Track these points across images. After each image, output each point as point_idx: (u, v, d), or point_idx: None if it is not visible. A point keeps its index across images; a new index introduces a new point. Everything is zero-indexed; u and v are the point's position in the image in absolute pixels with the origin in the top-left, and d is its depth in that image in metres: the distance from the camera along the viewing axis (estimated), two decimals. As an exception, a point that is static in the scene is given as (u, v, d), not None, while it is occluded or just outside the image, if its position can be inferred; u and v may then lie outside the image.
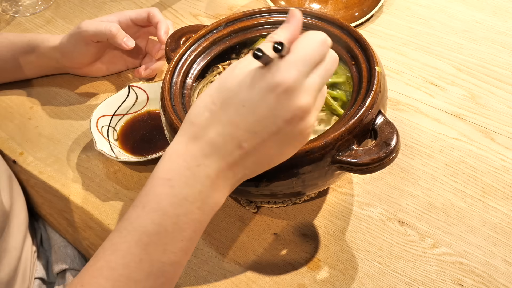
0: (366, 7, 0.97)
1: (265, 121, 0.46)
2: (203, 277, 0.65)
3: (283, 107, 0.45)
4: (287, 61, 0.45)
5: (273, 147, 0.48)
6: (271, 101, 0.45)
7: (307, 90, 0.46)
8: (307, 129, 0.48)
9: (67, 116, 0.87)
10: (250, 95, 0.46)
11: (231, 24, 0.72)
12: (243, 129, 0.46)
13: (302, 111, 0.46)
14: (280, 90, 0.45)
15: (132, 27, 0.87)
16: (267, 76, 0.45)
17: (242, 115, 0.46)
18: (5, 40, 0.88)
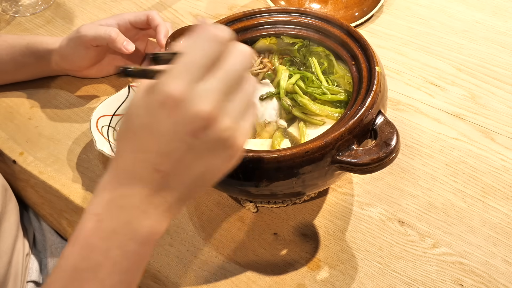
0: (366, 7, 0.97)
1: (170, 140, 0.43)
2: (203, 277, 0.65)
3: (180, 120, 0.42)
4: (171, 71, 0.42)
5: (193, 163, 0.45)
6: (166, 118, 0.42)
7: (200, 96, 0.42)
8: (221, 136, 0.43)
9: (67, 116, 0.87)
10: (147, 118, 0.44)
11: (231, 24, 0.72)
12: (153, 152, 0.44)
13: (201, 119, 0.42)
14: (170, 105, 0.42)
15: (131, 30, 0.87)
16: (155, 93, 0.43)
17: (147, 139, 0.44)
18: (4, 42, 0.88)
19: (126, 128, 0.46)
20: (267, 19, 0.72)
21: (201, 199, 0.73)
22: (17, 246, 0.79)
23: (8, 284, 0.76)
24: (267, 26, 0.72)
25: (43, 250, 0.87)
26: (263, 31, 0.72)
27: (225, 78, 0.43)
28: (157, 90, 0.42)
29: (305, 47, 0.72)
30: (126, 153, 0.46)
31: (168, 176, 0.45)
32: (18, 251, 0.80)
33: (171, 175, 0.45)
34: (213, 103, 0.42)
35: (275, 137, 0.64)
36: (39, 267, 0.85)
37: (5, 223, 0.77)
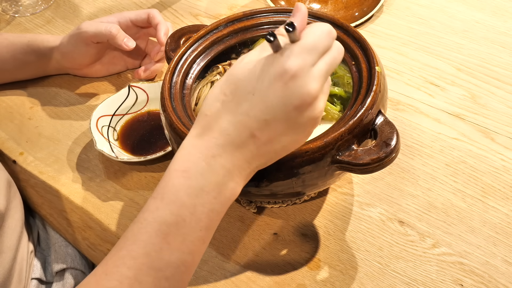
0: (366, 7, 0.97)
1: (275, 109, 0.47)
2: (203, 277, 0.65)
3: (292, 94, 0.46)
4: (294, 49, 0.46)
5: (285, 134, 0.48)
6: (279, 88, 0.46)
7: (314, 77, 0.46)
8: (316, 115, 0.48)
9: (67, 116, 0.87)
10: (259, 83, 0.47)
11: (231, 24, 0.72)
12: (254, 117, 0.47)
13: (310, 97, 0.46)
14: (287, 77, 0.46)
15: (131, 28, 0.87)
16: (275, 64, 0.46)
17: (252, 103, 0.47)
18: (5, 40, 0.88)
19: (231, 88, 0.48)
20: (267, 19, 0.72)
21: (201, 199, 0.73)
22: (22, 242, 0.79)
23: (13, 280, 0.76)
24: (267, 26, 0.72)
25: (47, 248, 0.87)
26: (263, 31, 0.72)
27: (331, 65, 0.48)
28: (278, 63, 0.46)
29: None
30: (226, 114, 0.48)
31: (260, 143, 0.48)
32: (23, 248, 0.80)
33: (263, 142, 0.48)
34: (320, 85, 0.47)
35: (275, 137, 0.64)
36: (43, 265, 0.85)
37: (10, 219, 0.77)
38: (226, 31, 0.71)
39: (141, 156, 0.76)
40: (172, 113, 0.62)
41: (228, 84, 0.48)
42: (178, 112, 0.63)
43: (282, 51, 0.47)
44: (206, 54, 0.71)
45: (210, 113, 0.49)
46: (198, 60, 0.70)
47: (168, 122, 0.62)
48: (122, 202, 0.74)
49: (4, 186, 0.77)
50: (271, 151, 0.50)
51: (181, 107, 0.64)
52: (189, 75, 0.68)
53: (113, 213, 0.73)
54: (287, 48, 0.47)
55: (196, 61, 0.70)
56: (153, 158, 0.75)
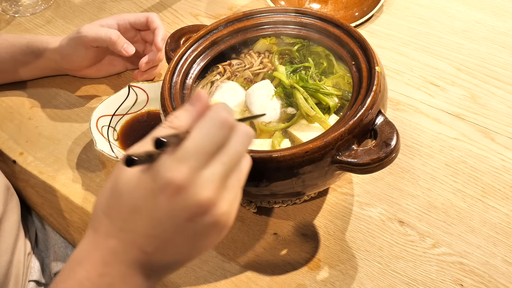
0: (366, 7, 0.97)
1: (164, 224, 0.42)
2: (203, 277, 0.65)
3: (178, 207, 0.41)
4: (176, 156, 0.41)
5: (183, 245, 0.44)
6: (164, 203, 0.41)
7: (204, 184, 0.41)
8: (220, 219, 0.43)
9: (67, 116, 0.87)
10: (142, 200, 0.42)
11: (231, 24, 0.72)
12: (142, 234, 0.43)
13: (201, 207, 0.41)
14: (171, 191, 0.41)
15: (130, 30, 0.87)
16: (156, 176, 0.41)
17: (138, 220, 0.43)
18: (4, 41, 0.88)
19: (116, 205, 0.44)
20: (267, 19, 0.72)
21: (201, 199, 0.73)
22: (18, 245, 0.79)
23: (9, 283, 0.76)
24: (267, 26, 0.72)
25: (45, 249, 0.87)
26: (263, 31, 0.72)
27: (229, 162, 0.43)
28: (159, 175, 0.41)
29: (304, 47, 0.72)
30: (111, 231, 0.44)
31: (154, 258, 0.44)
32: (20, 250, 0.80)
33: (157, 257, 0.44)
34: (214, 190, 0.42)
35: (275, 137, 0.64)
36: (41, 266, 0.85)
37: (6, 222, 0.77)
38: (226, 31, 0.71)
39: (141, 156, 0.75)
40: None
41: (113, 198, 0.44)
42: (178, 112, 0.63)
43: (163, 159, 0.41)
44: (206, 54, 0.71)
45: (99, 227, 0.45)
46: (198, 60, 0.70)
47: (168, 122, 0.62)
48: (122, 202, 0.74)
49: (2, 190, 0.77)
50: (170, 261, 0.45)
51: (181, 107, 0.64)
52: (189, 75, 0.68)
53: (113, 213, 0.73)
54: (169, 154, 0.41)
55: (196, 61, 0.70)
56: (153, 158, 0.74)
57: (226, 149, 0.43)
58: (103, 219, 0.45)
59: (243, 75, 0.72)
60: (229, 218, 0.44)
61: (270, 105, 0.66)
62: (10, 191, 0.80)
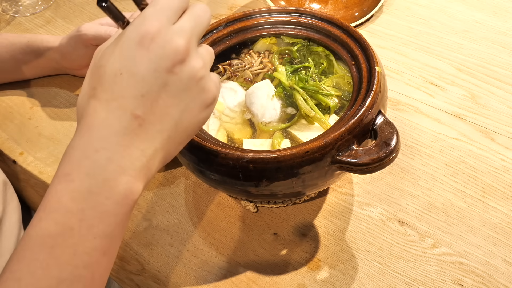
0: (366, 7, 0.97)
1: (147, 79, 0.43)
2: (203, 277, 0.65)
3: (158, 57, 0.42)
4: (144, 14, 0.44)
5: (171, 106, 0.44)
6: (144, 56, 0.42)
7: (176, 32, 0.43)
8: (197, 74, 0.44)
9: (67, 116, 0.87)
10: (122, 59, 0.43)
11: (231, 24, 0.72)
12: (130, 96, 0.43)
13: (179, 54, 0.43)
14: (147, 41, 0.42)
15: None
16: (130, 33, 0.43)
17: (122, 83, 0.43)
18: (5, 40, 0.88)
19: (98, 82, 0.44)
20: (267, 19, 0.72)
21: (201, 199, 0.73)
22: None
23: None
24: (267, 26, 0.72)
25: None
26: (263, 31, 0.72)
27: (194, 20, 0.45)
28: (133, 31, 0.43)
29: (304, 47, 0.72)
30: (98, 107, 0.43)
31: (146, 122, 0.43)
32: None
33: (149, 121, 0.43)
34: (186, 39, 0.44)
35: (275, 137, 0.64)
36: None
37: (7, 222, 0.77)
38: (226, 31, 0.71)
39: (141, 156, 0.75)
40: (172, 113, 0.62)
41: (93, 76, 0.44)
42: (178, 112, 0.63)
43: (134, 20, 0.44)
44: (206, 54, 0.71)
45: (84, 114, 0.44)
46: (198, 60, 0.70)
47: (168, 122, 0.62)
48: (122, 202, 0.74)
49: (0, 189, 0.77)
50: (164, 129, 0.44)
51: (181, 107, 0.64)
52: (189, 75, 0.68)
53: (113, 213, 0.73)
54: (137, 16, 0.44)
55: (196, 61, 0.70)
56: (153, 158, 0.74)
57: (189, 11, 0.45)
58: (87, 104, 0.44)
59: (243, 75, 0.72)
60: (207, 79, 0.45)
61: (270, 105, 0.66)
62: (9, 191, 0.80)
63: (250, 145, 0.64)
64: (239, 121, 0.67)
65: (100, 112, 0.43)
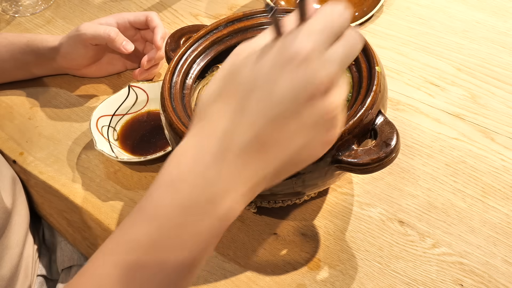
0: (366, 7, 0.97)
1: (283, 103, 0.39)
2: (203, 277, 0.65)
3: (302, 83, 0.39)
4: (302, 29, 0.40)
5: (295, 137, 0.41)
6: (288, 76, 0.39)
7: (329, 60, 0.40)
8: (332, 112, 0.41)
9: (67, 116, 0.87)
10: (262, 75, 0.40)
11: (231, 24, 0.72)
12: (260, 116, 0.40)
13: (324, 85, 0.39)
14: (297, 62, 0.39)
15: (130, 29, 0.87)
16: (281, 48, 0.40)
17: (255, 99, 0.40)
18: (4, 40, 0.88)
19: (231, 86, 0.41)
20: (267, 19, 0.72)
21: (201, 199, 0.73)
22: (28, 239, 0.80)
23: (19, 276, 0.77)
24: (267, 26, 0.72)
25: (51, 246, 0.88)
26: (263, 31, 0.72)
27: (348, 49, 0.41)
28: (284, 46, 0.39)
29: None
30: (224, 114, 0.41)
31: (267, 146, 0.40)
32: (29, 245, 0.80)
33: (270, 145, 0.40)
34: (337, 70, 0.40)
35: (275, 137, 0.64)
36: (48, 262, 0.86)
37: (17, 216, 0.77)
38: (226, 31, 0.71)
39: (141, 156, 0.76)
40: (172, 113, 0.62)
41: (227, 82, 0.42)
42: (178, 112, 0.63)
43: (288, 33, 0.40)
44: (206, 54, 0.71)
45: (206, 114, 0.42)
46: (198, 60, 0.70)
47: (168, 122, 0.62)
48: (122, 202, 0.74)
49: (9, 183, 0.77)
50: (282, 157, 0.41)
51: (181, 107, 0.64)
52: (189, 75, 0.68)
53: (113, 213, 0.73)
54: (294, 29, 0.40)
55: (196, 61, 0.70)
56: (153, 158, 0.75)
57: (346, 37, 0.41)
58: (211, 106, 0.41)
59: (243, 75, 0.72)
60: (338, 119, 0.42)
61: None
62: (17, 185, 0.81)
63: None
64: (239, 121, 0.67)
65: (224, 122, 0.41)
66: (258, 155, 0.41)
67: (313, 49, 0.39)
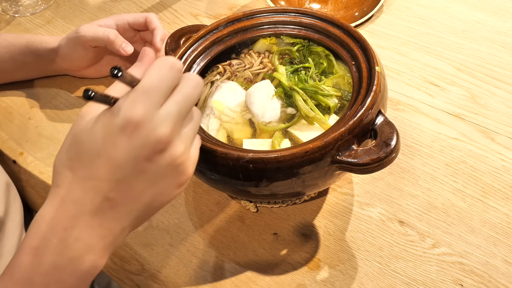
0: (366, 7, 0.97)
1: (125, 166, 0.43)
2: (203, 277, 0.65)
3: (139, 145, 0.43)
4: (131, 96, 0.43)
5: (145, 191, 0.45)
6: (124, 143, 0.43)
7: (162, 120, 0.43)
8: (177, 160, 0.45)
9: (67, 116, 0.87)
10: (102, 143, 0.43)
11: (231, 24, 0.72)
12: (105, 179, 0.43)
13: (161, 144, 0.43)
14: (130, 129, 0.42)
15: (129, 31, 0.87)
16: (114, 117, 0.43)
17: (100, 165, 0.43)
18: (4, 41, 0.88)
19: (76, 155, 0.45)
20: (267, 19, 0.72)
21: (201, 199, 0.73)
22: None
23: None
24: (267, 26, 0.72)
25: None
26: (263, 31, 0.72)
27: (182, 102, 0.44)
28: (118, 115, 0.43)
29: (304, 47, 0.72)
30: (74, 182, 0.45)
31: (117, 204, 0.44)
32: None
33: (121, 203, 0.45)
34: (171, 128, 0.43)
35: (275, 137, 0.64)
36: None
37: (10, 222, 0.77)
38: (226, 31, 0.71)
39: (141, 156, 0.75)
40: (172, 113, 0.62)
41: (73, 149, 0.45)
42: (178, 112, 0.63)
43: (120, 101, 0.43)
44: (206, 54, 0.71)
45: (61, 182, 0.45)
46: (198, 60, 0.70)
47: (168, 122, 0.62)
48: (122, 202, 0.74)
49: (3, 190, 0.77)
50: (134, 212, 0.46)
51: (181, 107, 0.64)
52: (189, 75, 0.68)
53: (113, 213, 0.73)
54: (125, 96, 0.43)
55: (196, 61, 0.70)
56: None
57: (178, 90, 0.45)
58: (64, 172, 0.45)
59: (243, 75, 0.72)
60: (187, 163, 0.46)
61: (270, 105, 0.66)
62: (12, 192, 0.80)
63: (250, 145, 0.64)
64: (239, 121, 0.67)
65: (75, 189, 0.44)
66: (111, 215, 0.45)
67: (145, 112, 0.42)
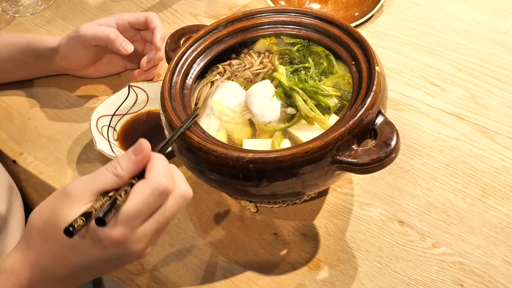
0: (366, 7, 0.97)
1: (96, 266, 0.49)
2: (203, 277, 0.65)
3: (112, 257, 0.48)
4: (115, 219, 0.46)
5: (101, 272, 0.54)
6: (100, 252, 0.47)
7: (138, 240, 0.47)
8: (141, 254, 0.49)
9: (67, 116, 0.87)
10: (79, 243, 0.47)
11: (231, 24, 0.72)
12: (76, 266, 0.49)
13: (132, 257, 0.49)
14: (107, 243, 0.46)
15: (129, 30, 0.87)
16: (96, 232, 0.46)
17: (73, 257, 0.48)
18: (4, 40, 0.88)
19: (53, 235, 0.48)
20: (267, 19, 0.72)
21: (201, 199, 0.73)
22: None
23: None
24: (267, 26, 0.72)
25: None
26: (263, 31, 0.72)
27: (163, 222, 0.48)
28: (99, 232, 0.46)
29: (304, 47, 0.72)
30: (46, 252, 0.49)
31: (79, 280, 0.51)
32: None
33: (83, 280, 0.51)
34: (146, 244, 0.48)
35: (275, 137, 0.64)
36: None
37: (12, 221, 0.77)
38: (226, 31, 0.71)
39: (141, 156, 0.75)
40: (172, 113, 0.62)
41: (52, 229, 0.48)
42: (178, 112, 0.63)
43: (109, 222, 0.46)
44: (206, 54, 0.71)
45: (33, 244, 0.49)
46: (198, 60, 0.70)
47: (168, 122, 0.62)
48: (122, 202, 0.74)
49: (5, 188, 0.77)
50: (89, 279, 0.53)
51: (181, 107, 0.64)
52: (189, 75, 0.69)
53: (113, 213, 0.73)
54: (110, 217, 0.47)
55: (196, 61, 0.70)
56: (153, 158, 0.74)
57: (162, 211, 0.48)
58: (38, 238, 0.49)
59: (243, 75, 0.72)
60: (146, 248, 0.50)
61: (270, 105, 0.66)
62: (13, 190, 0.80)
63: (250, 145, 0.64)
64: (239, 121, 0.67)
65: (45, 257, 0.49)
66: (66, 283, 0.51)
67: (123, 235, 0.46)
